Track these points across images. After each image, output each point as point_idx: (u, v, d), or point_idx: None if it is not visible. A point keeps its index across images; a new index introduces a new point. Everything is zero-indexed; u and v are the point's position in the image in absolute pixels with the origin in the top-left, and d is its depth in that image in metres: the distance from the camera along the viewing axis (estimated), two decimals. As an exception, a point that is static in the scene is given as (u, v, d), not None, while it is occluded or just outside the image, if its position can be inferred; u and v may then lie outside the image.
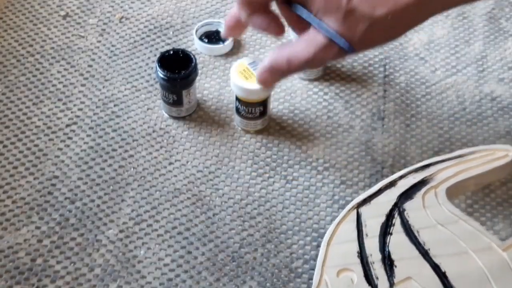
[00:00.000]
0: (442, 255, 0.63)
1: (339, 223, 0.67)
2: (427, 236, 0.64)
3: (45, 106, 0.83)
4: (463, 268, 0.63)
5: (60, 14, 0.94)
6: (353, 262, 0.63)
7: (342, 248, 0.65)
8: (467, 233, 0.65)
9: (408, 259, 0.63)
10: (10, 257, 0.69)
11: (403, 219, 0.66)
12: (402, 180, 0.69)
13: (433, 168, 0.70)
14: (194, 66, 0.79)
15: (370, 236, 0.65)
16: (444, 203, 0.67)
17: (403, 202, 0.67)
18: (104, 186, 0.76)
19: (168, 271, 0.69)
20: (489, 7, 0.97)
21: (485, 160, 0.71)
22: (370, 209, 0.67)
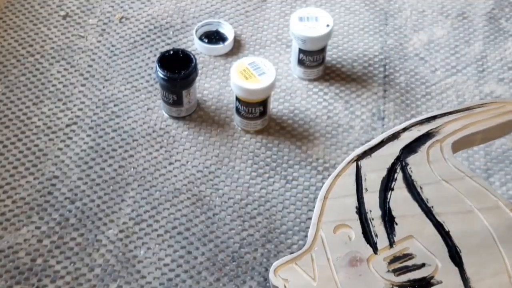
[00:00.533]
0: (446, 213, 0.60)
1: (337, 176, 0.63)
2: (430, 192, 0.61)
3: (45, 106, 0.83)
4: (468, 227, 0.60)
5: (60, 14, 0.94)
6: (351, 218, 0.60)
7: (340, 202, 0.61)
8: (473, 191, 0.61)
9: (410, 217, 0.60)
10: (10, 257, 0.69)
11: (405, 174, 0.63)
12: (405, 133, 0.66)
13: (440, 120, 0.66)
14: (194, 66, 0.79)
15: (370, 191, 0.62)
16: (450, 158, 0.64)
17: (406, 155, 0.64)
18: (104, 186, 0.76)
19: (168, 271, 0.69)
20: (489, 7, 0.97)
21: (495, 113, 0.67)
22: (371, 162, 0.64)
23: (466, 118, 0.67)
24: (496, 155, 0.80)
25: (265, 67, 0.78)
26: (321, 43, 0.83)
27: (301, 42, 0.83)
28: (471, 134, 0.66)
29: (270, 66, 0.79)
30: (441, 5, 0.98)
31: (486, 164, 0.79)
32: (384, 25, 0.95)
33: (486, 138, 0.68)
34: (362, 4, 0.97)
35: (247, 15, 0.95)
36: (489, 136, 0.68)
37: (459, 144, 0.66)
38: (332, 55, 0.91)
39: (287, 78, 0.88)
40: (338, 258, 0.58)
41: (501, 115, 0.67)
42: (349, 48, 0.92)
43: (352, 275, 0.57)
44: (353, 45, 0.92)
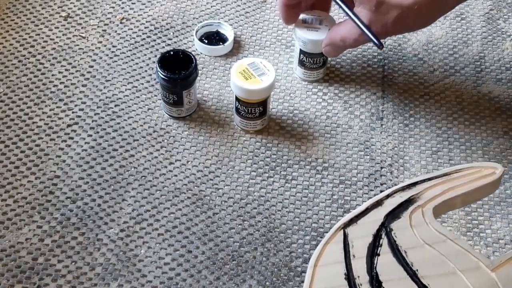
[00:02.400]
0: (431, 275, 0.62)
1: (325, 244, 0.65)
2: (415, 256, 0.64)
3: (46, 106, 0.83)
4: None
5: (61, 15, 0.94)
6: (340, 285, 0.62)
7: (329, 270, 0.63)
8: (455, 253, 0.64)
9: (397, 280, 0.62)
10: (11, 256, 0.70)
11: (390, 239, 0.65)
12: (389, 199, 0.68)
13: (420, 186, 0.69)
14: (194, 67, 0.80)
15: (358, 257, 0.64)
16: (431, 222, 0.66)
17: (390, 221, 0.66)
18: (105, 185, 0.76)
19: (168, 270, 0.70)
20: (487, 8, 0.98)
21: (472, 178, 0.69)
22: (357, 229, 0.66)
23: (445, 184, 0.69)
24: (494, 154, 0.81)
25: (265, 68, 0.79)
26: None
27: (302, 44, 0.83)
28: (451, 198, 0.69)
29: (270, 67, 0.79)
30: (439, 6, 0.98)
31: (484, 163, 0.79)
32: (383, 26, 0.95)
33: (466, 201, 0.71)
34: (361, 5, 0.98)
35: (247, 16, 0.95)
36: (469, 199, 0.71)
37: (440, 208, 0.69)
38: (332, 56, 0.91)
39: (287, 79, 0.88)
40: None
41: (478, 179, 0.70)
42: (348, 48, 0.92)
43: None
44: (352, 46, 0.92)
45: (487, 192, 0.71)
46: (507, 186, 0.78)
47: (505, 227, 0.74)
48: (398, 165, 0.79)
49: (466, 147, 0.81)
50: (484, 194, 0.72)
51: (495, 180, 0.70)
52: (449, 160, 0.80)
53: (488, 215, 0.75)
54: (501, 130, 0.83)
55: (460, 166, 0.71)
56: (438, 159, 0.80)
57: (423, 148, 0.81)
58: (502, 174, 0.69)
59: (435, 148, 0.81)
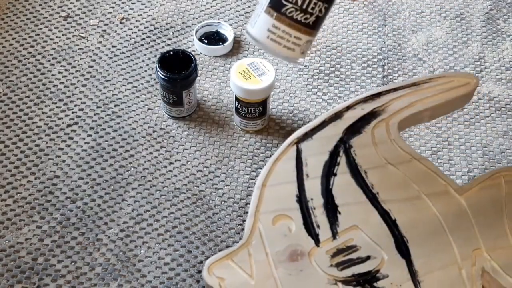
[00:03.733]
0: (392, 200, 0.55)
1: (276, 160, 0.58)
2: (376, 177, 0.56)
3: (46, 106, 0.83)
4: (415, 215, 0.55)
5: (61, 15, 0.94)
6: (291, 207, 0.55)
7: (279, 190, 0.56)
8: (421, 175, 0.57)
9: (354, 205, 0.55)
10: (11, 256, 0.70)
11: (349, 157, 0.57)
12: (349, 112, 0.60)
13: (385, 98, 0.61)
14: (194, 67, 0.80)
15: (312, 177, 0.56)
16: (396, 139, 0.59)
17: (349, 137, 0.58)
18: (105, 185, 0.76)
19: (168, 270, 0.70)
20: (487, 8, 0.98)
21: (443, 88, 0.62)
22: (312, 144, 0.58)
23: (413, 95, 0.61)
24: (494, 154, 0.81)
25: (265, 68, 0.79)
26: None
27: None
28: (419, 112, 0.61)
29: (269, 67, 0.79)
30: (439, 6, 0.98)
31: (484, 163, 0.79)
32: (382, 26, 0.95)
33: (434, 115, 0.63)
34: (361, 5, 0.98)
35: (246, 16, 0.95)
36: (438, 113, 0.63)
37: (406, 122, 0.61)
38: (331, 56, 0.91)
39: (287, 79, 0.88)
40: (277, 252, 0.53)
41: (449, 90, 0.62)
42: (348, 48, 0.92)
43: (293, 271, 0.52)
44: (352, 46, 0.93)
45: (458, 105, 0.63)
46: (507, 186, 0.78)
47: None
48: (398, 165, 0.79)
49: (466, 147, 0.81)
50: (455, 107, 0.64)
51: (468, 92, 0.62)
52: (449, 160, 0.80)
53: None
54: (501, 130, 0.83)
55: (431, 75, 0.62)
56: (438, 159, 0.80)
57: (423, 148, 0.81)
58: (476, 86, 0.61)
59: (435, 148, 0.81)
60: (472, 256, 0.53)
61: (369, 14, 0.97)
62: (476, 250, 0.54)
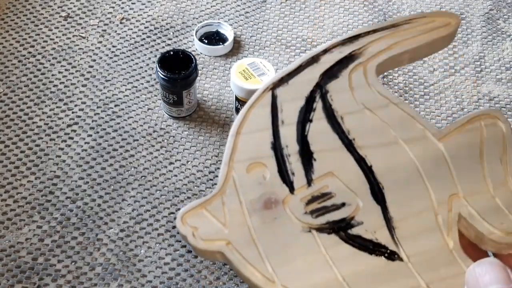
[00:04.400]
0: (369, 146, 0.54)
1: (250, 107, 0.56)
2: (352, 123, 0.54)
3: (46, 106, 0.84)
4: (392, 160, 0.53)
5: (61, 15, 0.94)
6: (265, 155, 0.53)
7: (254, 138, 0.54)
8: (398, 120, 0.55)
9: (330, 151, 0.53)
10: (11, 256, 0.70)
11: (325, 102, 0.55)
12: (326, 55, 0.58)
13: (363, 40, 0.59)
14: (194, 67, 0.80)
15: (287, 123, 0.55)
16: (374, 83, 0.57)
17: (326, 81, 0.56)
18: (105, 185, 0.76)
19: (168, 269, 0.70)
20: (487, 8, 0.98)
21: (423, 29, 0.59)
22: (288, 90, 0.56)
23: (392, 37, 0.59)
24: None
25: (265, 68, 0.79)
26: None
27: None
28: (398, 54, 0.59)
29: (269, 67, 0.79)
30: (439, 6, 0.98)
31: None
32: (383, 26, 0.95)
33: (415, 58, 0.61)
34: (361, 5, 0.98)
35: (246, 16, 0.95)
36: (417, 55, 0.61)
37: (384, 65, 0.59)
38: (331, 56, 0.91)
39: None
40: (251, 200, 0.52)
41: (430, 31, 0.60)
42: (348, 48, 0.92)
43: (267, 219, 0.51)
44: (352, 46, 0.92)
45: (438, 47, 0.62)
46: (507, 186, 0.78)
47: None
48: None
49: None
50: (436, 49, 0.62)
51: (449, 32, 0.60)
52: (449, 160, 0.80)
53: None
54: (501, 130, 0.83)
55: (411, 15, 0.60)
56: (438, 159, 0.80)
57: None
58: (457, 26, 0.60)
59: (435, 148, 0.81)
60: (449, 202, 0.52)
61: (369, 14, 0.97)
62: (453, 195, 0.52)
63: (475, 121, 0.56)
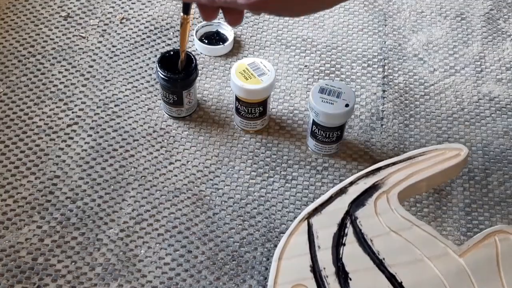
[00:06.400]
0: (397, 264, 0.61)
1: (290, 235, 0.63)
2: (381, 244, 0.62)
3: (46, 106, 0.83)
4: (419, 276, 0.61)
5: (61, 15, 0.94)
6: (306, 277, 0.60)
7: (294, 262, 0.62)
8: (422, 239, 0.62)
9: (363, 271, 0.61)
10: (11, 256, 0.70)
11: (355, 227, 0.63)
12: (352, 187, 0.66)
13: (384, 172, 0.67)
14: (194, 67, 0.80)
15: (323, 248, 0.62)
16: (397, 208, 0.65)
17: (355, 209, 0.64)
18: (105, 185, 0.76)
19: (168, 270, 0.70)
20: (487, 8, 0.98)
21: (436, 160, 0.68)
22: (321, 219, 0.64)
23: (409, 168, 0.68)
24: (495, 154, 0.81)
25: (265, 68, 0.79)
26: (335, 120, 0.76)
27: (314, 114, 0.77)
28: (416, 182, 0.67)
29: (269, 67, 0.79)
30: (439, 6, 0.98)
31: (485, 163, 0.79)
32: (383, 26, 0.95)
33: (431, 185, 0.70)
34: (361, 5, 0.98)
35: (247, 15, 0.95)
36: (434, 183, 0.69)
37: (405, 193, 0.67)
38: (332, 56, 0.91)
39: (287, 79, 0.88)
40: None
41: (442, 161, 0.68)
42: (348, 48, 0.92)
43: None
44: (352, 46, 0.93)
45: (452, 174, 0.70)
46: (507, 186, 0.78)
47: (505, 227, 0.74)
48: (398, 165, 0.79)
49: (467, 147, 0.81)
50: (449, 176, 0.70)
51: (459, 162, 0.68)
52: (449, 160, 0.80)
53: (489, 215, 0.75)
54: (501, 130, 0.83)
55: (424, 149, 0.69)
56: (438, 159, 0.80)
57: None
58: (467, 156, 0.68)
59: (435, 148, 0.81)
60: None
61: (370, 14, 0.97)
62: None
63: (490, 237, 0.63)
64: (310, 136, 0.79)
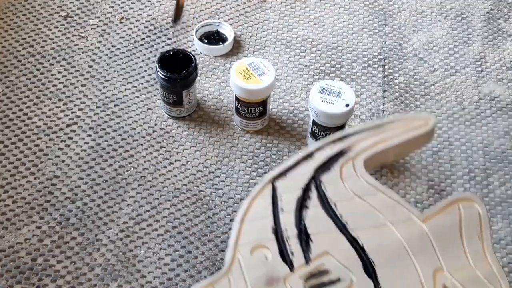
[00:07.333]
0: (360, 228, 0.61)
1: (253, 198, 0.63)
2: (344, 208, 0.62)
3: (45, 106, 0.83)
4: (381, 241, 0.61)
5: (60, 14, 0.94)
6: (267, 239, 0.60)
7: (257, 224, 0.62)
8: (386, 205, 0.62)
9: (325, 233, 0.61)
10: (10, 256, 0.70)
11: (320, 192, 0.63)
12: (319, 152, 0.66)
13: (351, 139, 0.67)
14: (194, 67, 0.80)
15: (286, 211, 0.62)
16: (363, 174, 0.65)
17: (320, 174, 0.64)
18: (104, 185, 0.76)
19: (168, 270, 0.70)
20: (487, 8, 0.98)
21: (403, 129, 0.68)
22: (286, 182, 0.64)
23: (376, 135, 0.68)
24: (495, 155, 0.80)
25: (265, 68, 0.79)
26: (335, 120, 0.76)
27: (314, 114, 0.76)
28: (383, 150, 0.67)
29: (269, 67, 0.79)
30: (440, 6, 0.98)
31: (485, 164, 0.79)
32: (383, 26, 0.95)
33: (399, 154, 0.69)
34: (361, 5, 0.98)
35: (247, 15, 0.95)
36: (402, 152, 0.69)
37: (372, 160, 0.67)
38: (332, 55, 0.91)
39: (287, 79, 0.88)
40: (255, 279, 0.59)
41: (410, 130, 0.68)
42: (349, 48, 0.92)
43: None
44: (353, 45, 0.92)
45: (419, 144, 0.70)
46: (508, 186, 0.77)
47: (506, 227, 0.74)
48: (398, 165, 0.79)
49: (467, 147, 0.81)
50: (417, 146, 0.70)
51: (427, 131, 0.68)
52: (450, 160, 0.80)
53: (489, 215, 0.75)
54: (502, 130, 0.83)
55: (391, 117, 0.69)
56: (438, 159, 0.80)
57: (424, 148, 0.81)
58: (434, 125, 0.68)
59: (436, 148, 0.81)
60: (434, 276, 0.59)
61: (370, 13, 0.97)
62: (437, 270, 0.59)
63: (453, 204, 0.64)
64: (310, 136, 0.79)
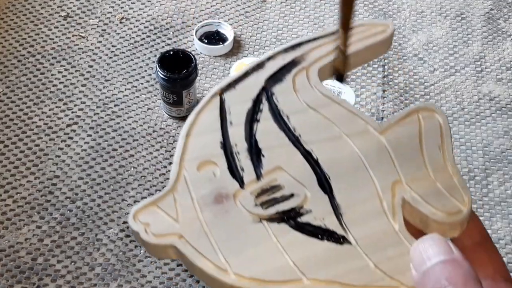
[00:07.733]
0: (314, 141, 0.57)
1: (199, 112, 0.58)
2: (297, 121, 0.58)
3: (46, 106, 0.83)
4: (337, 154, 0.57)
5: (61, 14, 0.94)
6: (215, 154, 0.56)
7: (204, 139, 0.57)
8: (341, 117, 0.59)
9: (277, 147, 0.57)
10: (11, 256, 0.70)
11: (271, 104, 0.59)
12: (270, 62, 0.61)
13: (304, 47, 0.62)
14: (194, 67, 0.80)
15: (235, 124, 0.58)
16: (317, 85, 0.60)
17: (271, 85, 0.60)
18: (104, 185, 0.76)
19: (168, 270, 0.70)
20: (487, 7, 0.98)
21: (361, 36, 0.62)
22: (235, 94, 0.59)
23: (331, 44, 0.62)
24: (495, 154, 0.80)
25: (265, 67, 0.79)
26: None
27: None
28: None
29: (269, 66, 0.79)
30: (439, 6, 0.98)
31: (485, 163, 0.79)
32: (383, 26, 0.95)
33: (356, 62, 0.64)
34: (361, 5, 0.98)
35: (247, 15, 0.95)
36: (359, 60, 0.64)
37: (327, 70, 0.62)
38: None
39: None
40: (202, 196, 0.54)
41: (367, 37, 0.63)
42: (348, 48, 0.92)
43: (218, 213, 0.53)
44: (352, 46, 0.92)
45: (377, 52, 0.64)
46: (508, 186, 0.78)
47: (505, 227, 0.74)
48: (398, 165, 0.79)
49: (467, 147, 0.81)
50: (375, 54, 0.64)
51: (385, 38, 0.63)
52: (450, 160, 0.80)
53: (489, 215, 0.75)
54: (501, 130, 0.83)
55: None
56: (438, 159, 0.80)
57: (423, 148, 0.81)
58: (392, 32, 0.63)
59: (436, 148, 0.81)
60: (392, 188, 0.54)
61: (370, 13, 0.97)
62: (396, 182, 0.55)
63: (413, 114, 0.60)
64: None
